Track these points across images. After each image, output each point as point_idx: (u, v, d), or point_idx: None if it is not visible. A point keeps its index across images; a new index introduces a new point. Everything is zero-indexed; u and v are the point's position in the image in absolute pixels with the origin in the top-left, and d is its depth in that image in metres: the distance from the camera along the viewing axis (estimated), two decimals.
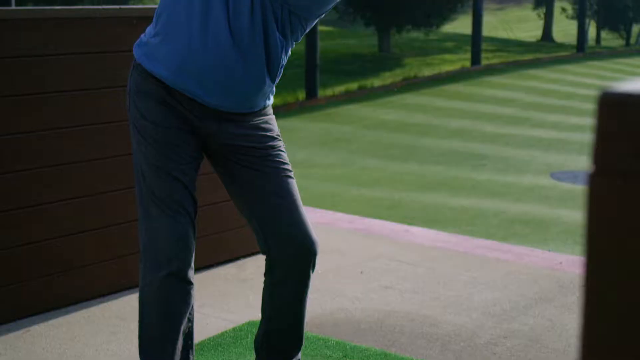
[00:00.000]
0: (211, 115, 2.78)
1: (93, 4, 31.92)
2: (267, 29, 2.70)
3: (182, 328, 2.85)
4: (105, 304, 4.13)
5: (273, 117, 2.93)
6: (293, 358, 3.03)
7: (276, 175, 2.83)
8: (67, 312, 4.01)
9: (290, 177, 2.87)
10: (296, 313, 2.95)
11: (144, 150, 2.78)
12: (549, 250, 5.54)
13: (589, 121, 13.56)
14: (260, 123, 2.86)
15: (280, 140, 2.90)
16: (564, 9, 45.14)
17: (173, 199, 2.74)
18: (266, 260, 2.92)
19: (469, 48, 24.29)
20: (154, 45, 2.76)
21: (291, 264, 2.86)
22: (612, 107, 0.63)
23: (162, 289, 2.78)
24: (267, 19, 2.70)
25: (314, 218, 3.10)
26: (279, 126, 2.98)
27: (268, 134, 2.86)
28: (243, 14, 2.67)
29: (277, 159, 2.85)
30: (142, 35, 2.86)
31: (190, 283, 2.84)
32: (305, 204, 3.01)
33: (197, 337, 3.33)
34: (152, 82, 2.77)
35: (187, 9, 2.69)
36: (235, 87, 2.74)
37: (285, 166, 2.87)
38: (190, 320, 2.89)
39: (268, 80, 2.77)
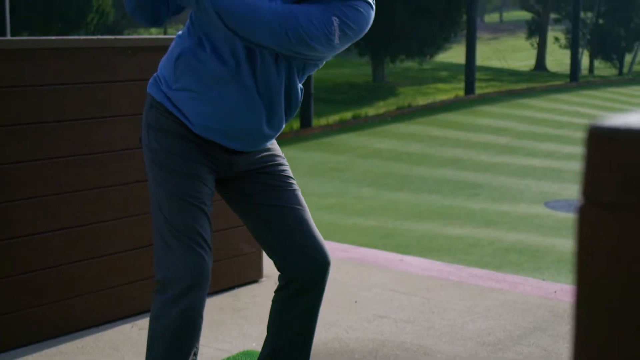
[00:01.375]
0: (230, 151, 2.88)
1: (88, 34, 32.04)
2: (290, 79, 2.80)
3: None
4: (98, 334, 4.12)
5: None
6: None
7: (287, 190, 2.94)
8: (60, 342, 4.00)
9: (297, 189, 2.97)
10: (309, 326, 2.97)
11: (166, 184, 2.79)
12: (544, 279, 5.54)
13: (583, 150, 13.58)
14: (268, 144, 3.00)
15: (282, 156, 3.03)
16: (557, 39, 45.40)
17: (197, 232, 2.75)
18: (281, 277, 2.96)
19: (463, 77, 24.38)
20: (180, 99, 2.81)
21: (311, 275, 2.93)
22: (601, 140, 0.64)
23: (179, 323, 2.76)
24: (291, 70, 2.80)
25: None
26: None
27: (274, 152, 3.00)
28: (270, 68, 2.76)
29: (284, 174, 2.98)
30: (159, 75, 2.89)
31: (202, 317, 2.85)
32: None
33: None
34: (174, 120, 2.82)
35: (213, 61, 2.74)
36: (258, 135, 2.86)
37: (292, 180, 2.99)
38: (195, 354, 2.87)
39: (285, 121, 2.92)
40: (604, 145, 0.64)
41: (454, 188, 11.54)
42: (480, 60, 29.46)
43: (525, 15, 49.46)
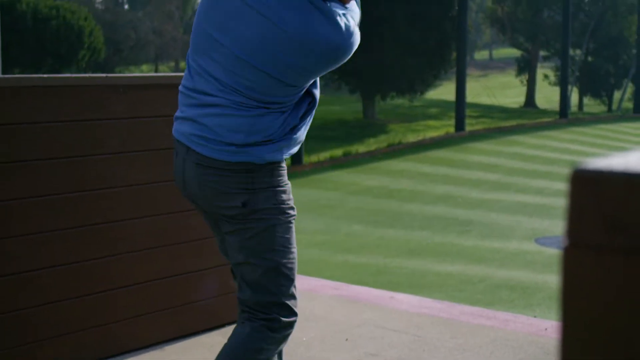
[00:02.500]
0: None
1: (80, 71, 32.13)
2: None
3: None
4: None
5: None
6: None
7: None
8: None
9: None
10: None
11: (289, 226, 3.00)
12: (535, 317, 5.53)
13: (567, 192, 13.62)
14: None
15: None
16: (546, 76, 45.70)
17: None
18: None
19: (453, 114, 24.50)
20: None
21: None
22: (584, 183, 0.65)
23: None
24: None
25: (299, 285, 3.12)
26: None
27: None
28: None
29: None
30: (264, 139, 2.90)
31: None
32: None
33: None
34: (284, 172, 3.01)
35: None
36: None
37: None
38: None
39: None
40: (587, 188, 0.65)
41: (445, 225, 11.55)
42: (470, 97, 29.63)
43: (515, 52, 49.84)
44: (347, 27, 2.79)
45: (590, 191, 0.64)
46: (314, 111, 3.00)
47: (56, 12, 31.27)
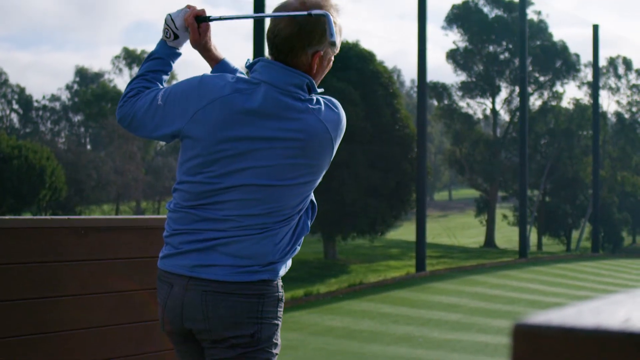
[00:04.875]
0: None
1: (40, 210, 32.04)
2: None
3: None
4: None
5: None
6: None
7: None
8: None
9: None
10: None
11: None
12: None
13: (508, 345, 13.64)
14: None
15: None
16: (505, 216, 46.31)
17: None
18: None
19: (414, 254, 24.63)
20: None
21: None
22: (524, 337, 0.68)
23: None
24: None
25: None
26: None
27: None
28: None
29: None
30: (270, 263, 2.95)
31: None
32: None
33: None
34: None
35: None
36: None
37: None
38: None
39: None
40: (527, 342, 0.68)
41: None
42: (430, 237, 29.89)
43: (474, 193, 50.63)
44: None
45: (530, 345, 0.67)
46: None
47: (18, 152, 31.42)
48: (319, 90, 2.94)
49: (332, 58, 2.97)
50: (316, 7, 2.84)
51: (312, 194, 3.05)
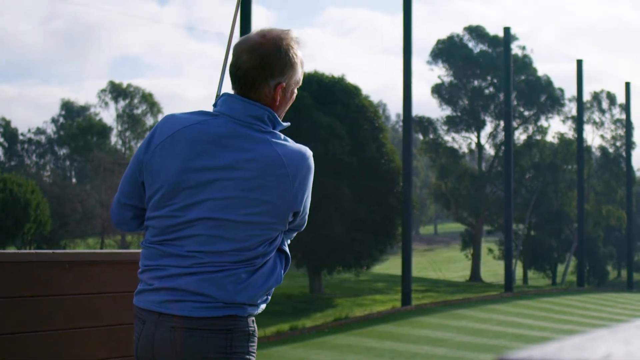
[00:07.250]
0: None
1: (25, 244, 31.88)
2: None
3: None
4: None
5: None
6: None
7: None
8: None
9: None
10: None
11: None
12: None
13: None
14: None
15: None
16: (490, 250, 46.36)
17: None
18: None
19: (400, 288, 24.59)
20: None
21: None
22: None
23: None
24: None
25: None
26: None
27: None
28: None
29: None
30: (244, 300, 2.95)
31: None
32: None
33: None
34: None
35: None
36: None
37: None
38: None
39: None
40: None
41: None
42: (416, 271, 29.89)
43: (459, 227, 50.70)
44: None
45: None
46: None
47: (3, 185, 31.32)
48: (285, 124, 2.94)
49: (296, 90, 2.99)
50: (277, 40, 2.87)
51: (286, 245, 3.02)
